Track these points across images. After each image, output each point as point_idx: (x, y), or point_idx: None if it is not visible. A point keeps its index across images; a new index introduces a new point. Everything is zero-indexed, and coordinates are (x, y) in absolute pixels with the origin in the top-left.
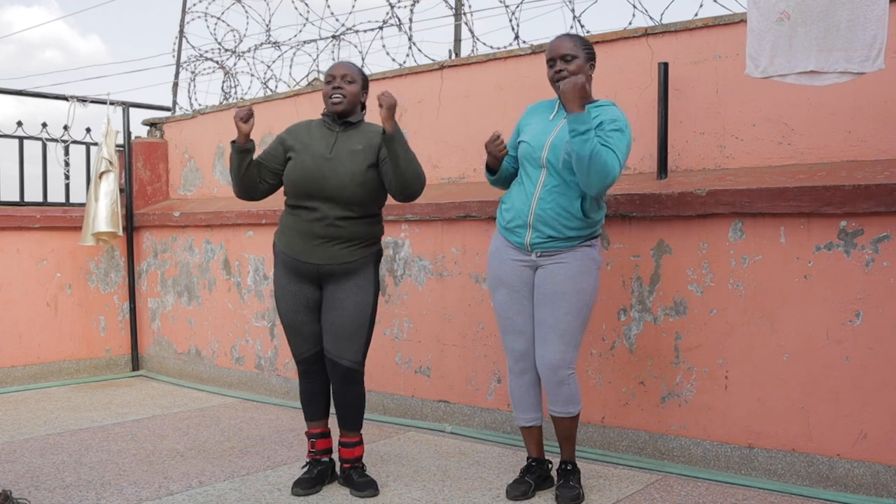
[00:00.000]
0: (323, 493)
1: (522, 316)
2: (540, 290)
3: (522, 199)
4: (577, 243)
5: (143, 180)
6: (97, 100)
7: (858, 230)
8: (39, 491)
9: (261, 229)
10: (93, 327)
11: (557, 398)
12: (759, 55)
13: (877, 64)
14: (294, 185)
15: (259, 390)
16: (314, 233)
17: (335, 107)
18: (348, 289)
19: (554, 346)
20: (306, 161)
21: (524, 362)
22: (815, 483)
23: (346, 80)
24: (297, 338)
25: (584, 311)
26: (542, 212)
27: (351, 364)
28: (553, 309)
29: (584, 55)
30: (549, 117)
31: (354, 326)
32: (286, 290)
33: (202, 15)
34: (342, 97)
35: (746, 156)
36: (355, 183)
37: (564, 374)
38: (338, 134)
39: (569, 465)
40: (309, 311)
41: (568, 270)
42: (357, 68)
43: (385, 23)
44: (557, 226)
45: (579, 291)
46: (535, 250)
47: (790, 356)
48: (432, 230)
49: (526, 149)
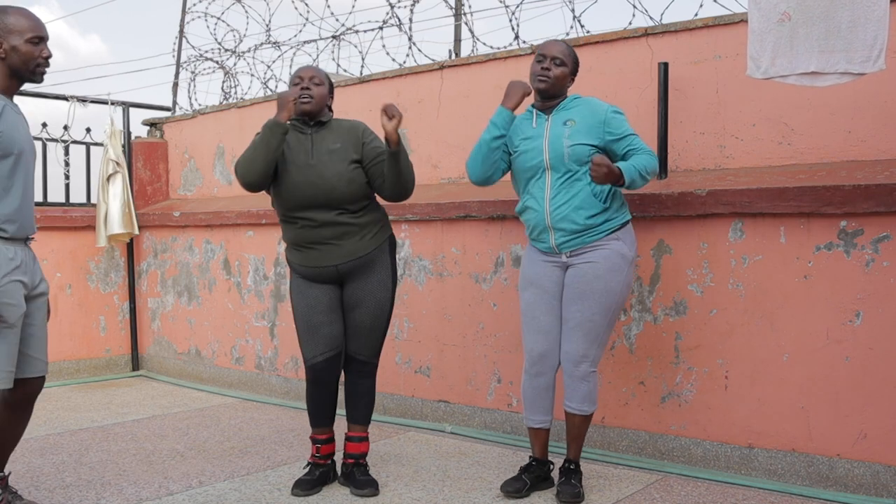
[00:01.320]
0: (323, 493)
1: (549, 315)
2: (569, 289)
3: (536, 206)
4: (604, 235)
5: (143, 180)
6: (97, 100)
7: (858, 230)
8: (39, 491)
9: (261, 229)
10: (93, 327)
11: (576, 394)
12: (761, 56)
13: (878, 64)
14: (285, 200)
15: (259, 390)
16: (321, 237)
17: (304, 106)
18: (369, 286)
19: (579, 343)
20: (291, 172)
21: (541, 365)
22: (815, 483)
23: (314, 81)
24: (312, 339)
25: (613, 309)
26: (558, 209)
27: (367, 357)
28: (581, 307)
29: (570, 66)
30: (532, 125)
31: (375, 323)
32: (305, 293)
33: (202, 15)
34: (310, 97)
35: (746, 156)
36: (343, 182)
37: (587, 371)
38: (312, 135)
39: (572, 465)
40: (329, 311)
41: (597, 269)
42: (323, 71)
43: (385, 23)
44: (577, 218)
45: (608, 291)
46: (563, 251)
47: (790, 356)
48: (432, 230)
49: (525, 159)
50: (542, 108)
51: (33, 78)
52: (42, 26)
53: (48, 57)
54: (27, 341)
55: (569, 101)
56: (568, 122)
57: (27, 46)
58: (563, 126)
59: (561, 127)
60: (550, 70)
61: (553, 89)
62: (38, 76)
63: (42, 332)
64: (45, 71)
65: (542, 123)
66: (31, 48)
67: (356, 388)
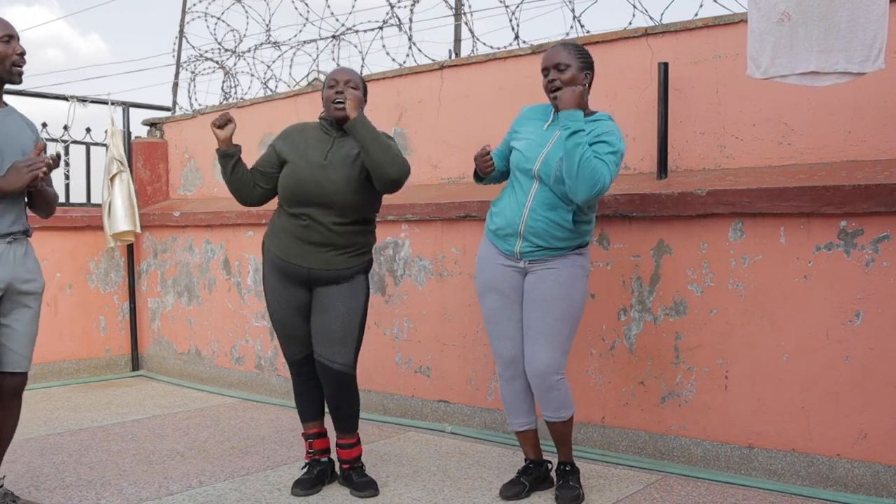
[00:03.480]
0: (323, 493)
1: (511, 321)
2: (529, 296)
3: (514, 208)
4: (567, 251)
5: (143, 180)
6: (97, 100)
7: (858, 230)
8: (39, 491)
9: (261, 229)
10: (93, 327)
11: (548, 404)
12: (760, 56)
13: (877, 64)
14: (289, 192)
15: (259, 390)
16: (309, 238)
17: (338, 112)
18: (339, 293)
19: (542, 353)
20: (301, 168)
21: (513, 368)
22: (815, 483)
23: (350, 85)
24: (288, 341)
25: (573, 318)
26: (534, 223)
27: (343, 367)
28: (543, 314)
29: (578, 64)
30: (544, 127)
31: (346, 330)
32: (277, 294)
33: (202, 15)
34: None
35: (746, 156)
36: (350, 189)
37: (553, 380)
38: (334, 140)
39: (567, 466)
40: (300, 314)
41: (558, 276)
42: (359, 75)
43: (385, 23)
44: (547, 237)
45: (569, 299)
46: (524, 258)
47: (790, 356)
48: (432, 230)
49: (519, 158)
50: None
51: (10, 77)
52: (9, 25)
53: (22, 54)
54: (10, 336)
55: (589, 121)
56: None
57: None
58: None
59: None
60: (556, 80)
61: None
62: (14, 75)
63: (27, 328)
64: (21, 69)
65: (552, 132)
66: (2, 47)
67: (338, 402)
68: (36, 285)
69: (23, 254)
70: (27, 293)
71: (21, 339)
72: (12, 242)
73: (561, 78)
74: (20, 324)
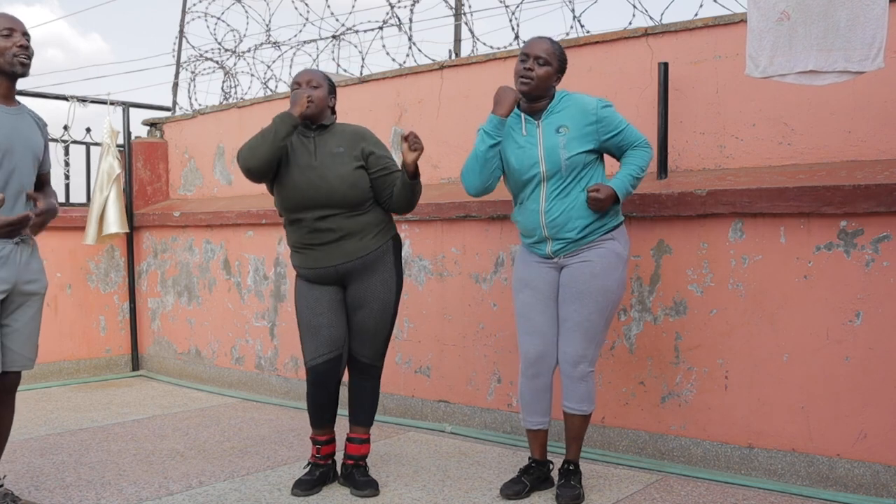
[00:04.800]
0: (323, 493)
1: (544, 316)
2: (565, 289)
3: (532, 218)
4: (599, 236)
5: (143, 180)
6: (97, 100)
7: (858, 230)
8: (39, 491)
9: (261, 229)
10: (93, 327)
11: (574, 394)
12: (759, 55)
13: (876, 63)
14: (286, 200)
15: (259, 390)
16: (321, 237)
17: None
18: (372, 287)
19: (577, 343)
20: (293, 174)
21: (537, 366)
22: (815, 483)
23: (311, 84)
24: (313, 340)
25: (609, 309)
26: (554, 220)
27: (370, 361)
28: (578, 307)
29: (556, 65)
30: (522, 133)
31: (378, 327)
32: (306, 294)
33: (202, 15)
34: (310, 101)
35: (746, 156)
36: (345, 185)
37: (585, 371)
38: (315, 138)
39: (571, 466)
40: (331, 312)
41: (593, 268)
42: (322, 73)
43: (385, 23)
44: (572, 226)
45: (605, 290)
46: (558, 255)
47: (790, 356)
48: (432, 230)
49: (517, 172)
50: (530, 111)
51: (14, 69)
52: (11, 19)
53: (24, 46)
54: (11, 336)
55: (556, 102)
56: (561, 129)
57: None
58: (556, 134)
59: (554, 135)
60: (533, 70)
61: (537, 90)
62: (18, 66)
63: (29, 328)
64: (25, 62)
65: (534, 131)
66: (3, 41)
67: (360, 391)
68: (39, 286)
69: (28, 255)
70: (30, 294)
71: (22, 339)
72: (19, 244)
73: (537, 72)
74: (21, 323)
